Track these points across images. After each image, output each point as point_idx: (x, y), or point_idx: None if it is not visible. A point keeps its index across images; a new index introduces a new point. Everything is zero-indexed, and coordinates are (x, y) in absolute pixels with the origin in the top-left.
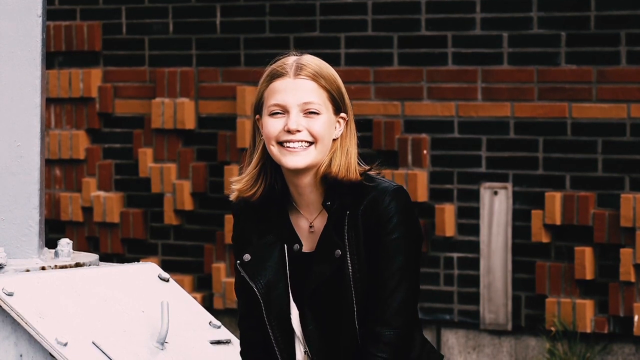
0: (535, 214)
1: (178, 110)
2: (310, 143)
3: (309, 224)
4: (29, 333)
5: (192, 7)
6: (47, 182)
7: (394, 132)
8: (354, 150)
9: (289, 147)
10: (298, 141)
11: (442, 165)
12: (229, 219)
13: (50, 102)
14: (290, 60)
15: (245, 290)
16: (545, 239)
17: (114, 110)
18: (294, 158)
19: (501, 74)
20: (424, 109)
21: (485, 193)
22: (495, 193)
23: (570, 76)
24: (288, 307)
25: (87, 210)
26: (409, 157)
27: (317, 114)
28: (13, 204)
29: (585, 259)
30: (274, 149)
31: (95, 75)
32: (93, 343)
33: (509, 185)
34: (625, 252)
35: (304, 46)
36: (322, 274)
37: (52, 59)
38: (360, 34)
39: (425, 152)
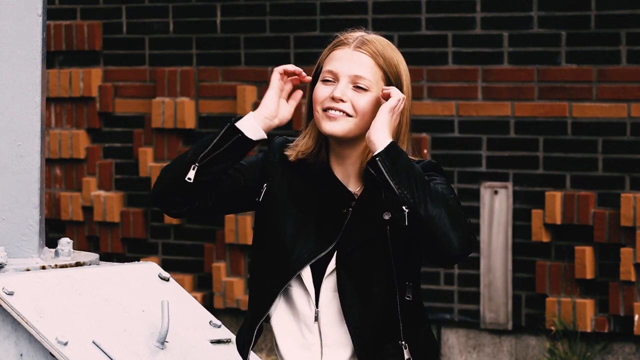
0: (536, 213)
1: (178, 110)
2: (351, 115)
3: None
4: (29, 332)
5: (192, 7)
6: (48, 181)
7: None
8: (405, 141)
9: (329, 113)
10: (339, 110)
11: (443, 164)
12: (229, 218)
13: (50, 101)
14: (358, 33)
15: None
16: (545, 238)
17: (115, 109)
18: (331, 124)
19: (501, 74)
20: (424, 108)
21: (485, 192)
22: (496, 192)
23: (571, 75)
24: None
25: (88, 210)
26: None
27: (366, 90)
28: (13, 203)
29: (586, 259)
30: (317, 114)
31: (96, 74)
32: (93, 342)
33: (509, 184)
34: (625, 252)
35: (304, 46)
36: (367, 233)
37: (52, 58)
38: None
39: (425, 151)
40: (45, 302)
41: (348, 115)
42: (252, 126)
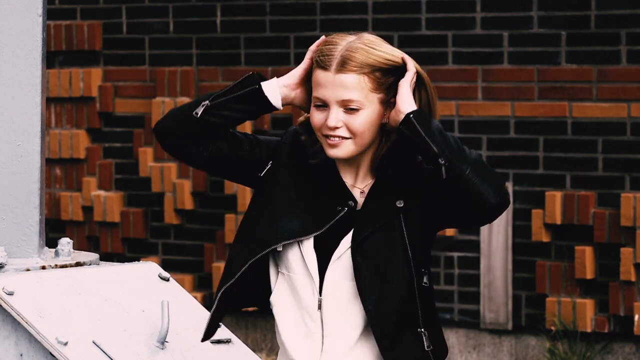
0: (536, 213)
1: None
2: (349, 137)
3: (351, 188)
4: (29, 332)
5: (192, 7)
6: (48, 181)
7: None
8: None
9: (328, 140)
10: (337, 136)
11: None
12: (229, 218)
13: (50, 101)
14: (339, 47)
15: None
16: (545, 238)
17: (115, 109)
18: (334, 150)
19: (501, 73)
20: None
21: None
22: None
23: (571, 75)
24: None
25: (88, 210)
26: None
27: (357, 110)
28: (13, 203)
29: (586, 259)
30: (320, 139)
31: (96, 74)
32: (93, 342)
33: (510, 184)
34: (625, 252)
35: (304, 46)
36: (380, 221)
37: (52, 58)
38: None
39: None
40: (45, 302)
41: (346, 138)
42: (272, 88)
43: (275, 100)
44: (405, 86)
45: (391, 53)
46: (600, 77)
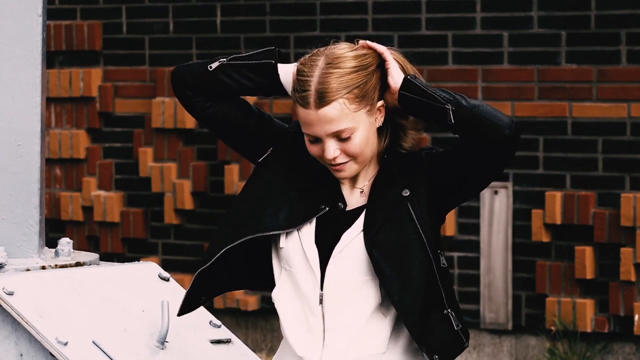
0: (536, 213)
1: (178, 110)
2: (350, 160)
3: (351, 188)
4: (29, 332)
5: (192, 7)
6: (48, 181)
7: None
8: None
9: (332, 168)
10: (339, 163)
11: None
12: None
13: (50, 101)
14: (312, 81)
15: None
16: (545, 238)
17: (115, 109)
18: (340, 174)
19: (501, 74)
20: None
21: (485, 192)
22: (496, 192)
23: (571, 75)
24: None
25: (88, 210)
26: None
27: (350, 136)
28: (13, 203)
29: (586, 259)
30: (323, 164)
31: (96, 74)
32: (93, 342)
33: (510, 184)
34: (625, 252)
35: (304, 46)
36: (388, 212)
37: (52, 58)
38: (360, 33)
39: None
40: (45, 302)
41: (348, 161)
42: (287, 70)
43: (287, 82)
44: (390, 65)
45: (360, 61)
46: (600, 77)
